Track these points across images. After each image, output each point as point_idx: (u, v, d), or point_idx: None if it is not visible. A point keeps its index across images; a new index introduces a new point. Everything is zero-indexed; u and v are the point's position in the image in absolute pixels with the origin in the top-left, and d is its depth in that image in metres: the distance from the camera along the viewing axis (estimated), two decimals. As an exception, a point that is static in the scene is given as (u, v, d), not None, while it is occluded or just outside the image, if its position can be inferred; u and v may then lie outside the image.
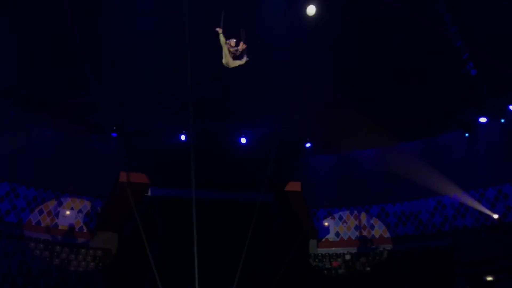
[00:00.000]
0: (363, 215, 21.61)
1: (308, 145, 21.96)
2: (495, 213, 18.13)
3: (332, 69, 17.71)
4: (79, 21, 15.49)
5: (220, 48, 10.20)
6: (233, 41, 10.11)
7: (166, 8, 15.25)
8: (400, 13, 14.91)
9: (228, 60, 10.12)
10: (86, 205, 20.83)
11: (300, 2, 14.81)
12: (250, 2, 15.15)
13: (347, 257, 20.70)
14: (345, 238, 21.57)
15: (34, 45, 16.33)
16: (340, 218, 21.95)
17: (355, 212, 21.82)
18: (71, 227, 20.19)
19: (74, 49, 16.46)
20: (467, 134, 19.40)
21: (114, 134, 20.54)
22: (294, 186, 20.08)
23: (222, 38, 10.00)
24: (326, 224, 21.96)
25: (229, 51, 10.04)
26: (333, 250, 21.32)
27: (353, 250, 21.01)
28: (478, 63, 16.00)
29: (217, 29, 10.01)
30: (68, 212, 20.26)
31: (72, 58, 16.86)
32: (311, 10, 15.19)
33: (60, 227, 19.94)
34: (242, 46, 10.14)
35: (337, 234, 21.74)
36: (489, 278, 15.85)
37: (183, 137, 20.78)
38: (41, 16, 15.14)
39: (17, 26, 15.54)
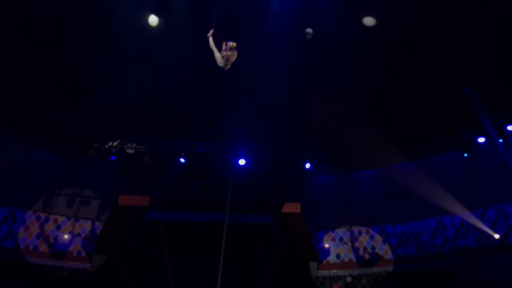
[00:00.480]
0: (364, 236, 21.47)
1: (307, 165, 21.90)
2: (496, 233, 18.05)
3: (331, 89, 17.79)
4: (78, 44, 15.61)
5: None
6: (224, 44, 10.14)
7: (164, 33, 15.40)
8: (400, 33, 15.09)
9: (222, 63, 10.15)
10: (85, 228, 20.66)
11: (301, 21, 15.03)
12: (250, 20, 15.28)
13: (348, 279, 20.50)
14: (346, 260, 21.38)
15: (33, 69, 16.40)
16: (341, 239, 21.80)
17: (356, 233, 21.67)
18: (70, 251, 19.98)
19: (73, 72, 16.58)
20: (466, 154, 19.40)
21: (113, 157, 20.49)
22: (293, 207, 19.96)
23: (211, 42, 10.10)
24: (326, 246, 21.78)
25: (222, 56, 10.07)
26: (334, 272, 21.10)
27: (354, 272, 20.79)
28: (475, 84, 16.09)
29: (208, 34, 10.13)
30: (66, 236, 20.04)
31: (70, 81, 16.96)
32: (309, 30, 15.42)
33: (58, 252, 19.72)
34: (229, 45, 10.12)
35: (338, 256, 21.56)
36: (492, 300, 15.70)
37: (182, 160, 20.76)
38: (38, 39, 15.24)
39: (15, 49, 15.60)
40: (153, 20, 14.77)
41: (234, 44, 10.03)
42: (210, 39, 10.13)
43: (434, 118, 18.35)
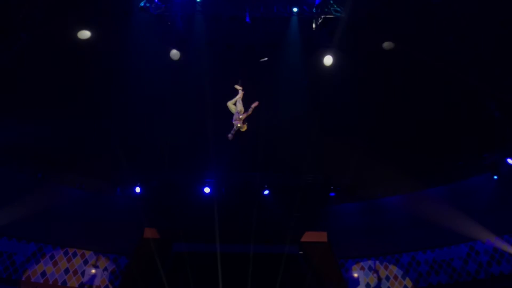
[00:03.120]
0: (393, 266, 20.91)
1: (332, 193, 21.64)
2: (532, 258, 17.39)
3: (355, 115, 17.77)
4: (100, 77, 16.05)
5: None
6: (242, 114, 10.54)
7: (185, 70, 15.73)
8: (421, 57, 15.05)
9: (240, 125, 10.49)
10: (112, 262, 20.74)
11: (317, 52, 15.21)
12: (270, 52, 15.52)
13: (379, 309, 19.96)
14: (376, 290, 20.83)
15: (57, 105, 16.90)
16: (370, 268, 21.26)
17: (385, 261, 21.12)
18: (97, 286, 20.02)
19: (97, 107, 17.01)
20: (495, 177, 18.89)
21: (138, 191, 20.68)
22: (320, 236, 19.71)
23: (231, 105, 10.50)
24: (355, 275, 21.26)
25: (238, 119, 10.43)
26: (364, 302, 20.58)
27: (385, 301, 20.24)
28: (501, 105, 15.84)
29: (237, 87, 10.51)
30: (93, 271, 20.15)
31: (95, 116, 17.38)
32: (328, 60, 15.57)
33: (86, 287, 19.79)
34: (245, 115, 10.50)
35: (368, 285, 20.98)
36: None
37: (207, 190, 20.75)
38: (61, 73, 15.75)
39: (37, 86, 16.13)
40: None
41: (245, 127, 10.47)
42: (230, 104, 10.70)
43: (461, 141, 18.02)
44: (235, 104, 10.90)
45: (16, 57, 14.06)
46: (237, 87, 11.08)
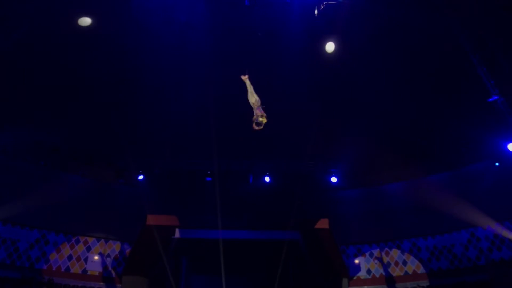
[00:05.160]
0: (395, 251, 21.02)
1: (334, 180, 21.70)
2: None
3: (357, 102, 17.71)
4: (105, 67, 16.00)
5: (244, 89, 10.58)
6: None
7: (191, 56, 15.63)
8: (423, 43, 14.94)
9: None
10: (114, 249, 20.88)
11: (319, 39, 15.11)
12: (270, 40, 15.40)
13: (381, 295, 20.09)
14: (377, 276, 20.92)
15: (61, 94, 16.89)
16: (371, 254, 21.38)
17: (386, 248, 21.23)
18: (100, 272, 20.18)
19: (100, 96, 16.98)
20: (497, 164, 18.90)
21: (140, 178, 20.74)
22: (321, 223, 19.71)
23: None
24: (356, 261, 21.39)
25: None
26: (366, 288, 20.72)
27: (386, 287, 20.34)
28: (504, 91, 15.75)
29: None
30: (96, 257, 20.31)
31: (98, 104, 17.37)
32: (329, 47, 15.48)
33: (89, 273, 19.95)
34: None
35: (369, 271, 21.13)
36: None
37: (209, 178, 20.80)
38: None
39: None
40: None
41: (264, 120, 10.49)
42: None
43: (462, 128, 17.98)
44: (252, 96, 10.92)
45: (16, 44, 14.00)
46: (243, 77, 11.03)
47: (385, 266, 20.94)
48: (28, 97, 16.24)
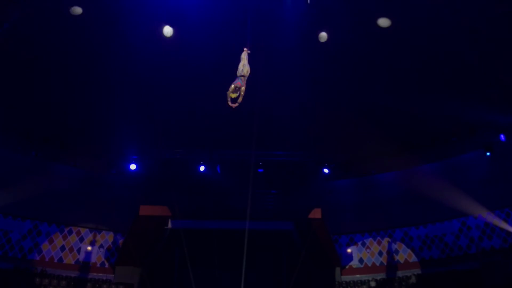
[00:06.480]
0: (386, 240, 21.18)
1: (326, 170, 21.75)
2: (523, 232, 17.66)
3: (349, 91, 17.68)
4: (95, 55, 15.86)
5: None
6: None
7: (179, 44, 15.50)
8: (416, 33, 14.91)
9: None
10: (107, 239, 20.88)
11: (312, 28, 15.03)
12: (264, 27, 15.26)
13: (372, 284, 20.22)
14: (369, 265, 21.10)
15: (52, 84, 16.74)
16: (363, 244, 21.54)
17: (378, 237, 21.38)
18: (93, 262, 20.19)
19: (91, 84, 16.84)
20: (488, 153, 19.03)
21: (133, 168, 20.65)
22: (314, 213, 19.78)
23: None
24: (349, 250, 21.54)
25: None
26: (358, 277, 20.81)
27: (378, 276, 20.48)
28: (496, 82, 15.82)
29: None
30: (89, 248, 20.31)
31: (89, 94, 17.24)
32: (323, 36, 15.43)
33: (82, 263, 19.95)
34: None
35: (361, 260, 21.29)
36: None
37: (202, 168, 20.75)
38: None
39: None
40: (167, 31, 14.90)
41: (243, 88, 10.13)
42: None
43: (454, 118, 18.04)
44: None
45: (8, 31, 13.87)
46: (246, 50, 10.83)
47: (377, 255, 21.10)
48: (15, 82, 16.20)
